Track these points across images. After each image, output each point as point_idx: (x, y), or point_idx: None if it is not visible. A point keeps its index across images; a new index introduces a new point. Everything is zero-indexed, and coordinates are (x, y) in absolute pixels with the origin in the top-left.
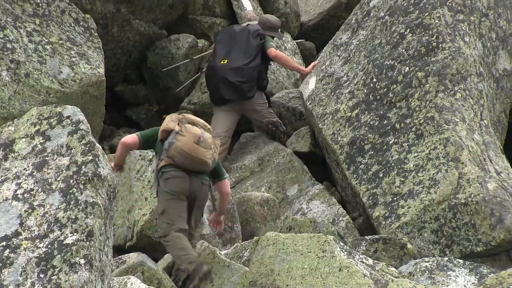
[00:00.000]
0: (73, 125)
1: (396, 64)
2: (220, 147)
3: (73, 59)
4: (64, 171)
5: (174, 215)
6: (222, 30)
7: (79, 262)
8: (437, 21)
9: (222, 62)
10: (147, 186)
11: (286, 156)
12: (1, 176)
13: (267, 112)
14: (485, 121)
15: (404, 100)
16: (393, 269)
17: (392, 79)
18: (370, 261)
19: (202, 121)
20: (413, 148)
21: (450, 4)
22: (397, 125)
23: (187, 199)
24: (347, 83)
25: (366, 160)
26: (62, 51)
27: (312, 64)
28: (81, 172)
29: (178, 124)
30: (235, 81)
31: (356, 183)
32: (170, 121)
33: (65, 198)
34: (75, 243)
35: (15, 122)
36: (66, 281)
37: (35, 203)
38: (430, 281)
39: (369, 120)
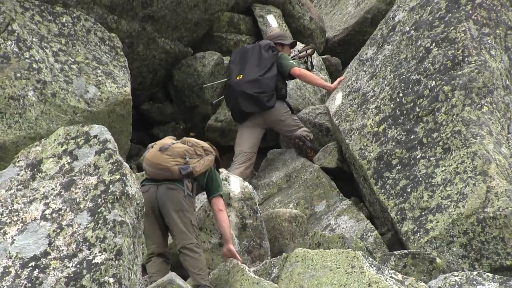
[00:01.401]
0: (100, 144)
1: (422, 78)
2: (246, 162)
3: (99, 78)
4: (92, 190)
5: (146, 236)
6: (234, 52)
7: (108, 281)
8: (462, 34)
9: (237, 78)
10: None
11: (314, 172)
12: (29, 196)
13: (291, 120)
14: None
15: (430, 115)
16: (422, 284)
17: (419, 93)
18: (399, 276)
19: (195, 141)
20: (440, 162)
21: (475, 18)
22: (424, 140)
23: (157, 210)
24: (374, 98)
25: (394, 175)
26: (88, 71)
27: (338, 80)
28: (109, 191)
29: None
30: (253, 92)
31: (384, 198)
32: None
33: (93, 218)
34: (104, 262)
35: (42, 142)
36: None
37: (64, 223)
38: None
39: (396, 135)
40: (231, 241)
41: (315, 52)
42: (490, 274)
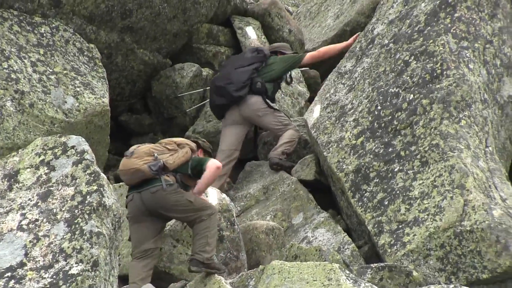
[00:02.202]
0: (78, 155)
1: (400, 91)
2: (224, 160)
3: (78, 89)
4: (69, 201)
5: (133, 241)
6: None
7: None
8: (441, 48)
9: (215, 76)
10: None
11: (291, 184)
12: (6, 207)
13: (273, 117)
14: (490, 148)
15: (409, 128)
16: None
17: (397, 106)
18: None
19: (167, 140)
20: (418, 175)
21: (454, 31)
22: (402, 153)
23: (147, 214)
24: (352, 111)
25: (371, 188)
26: (67, 81)
27: (354, 37)
28: (86, 202)
29: None
30: (222, 84)
31: (361, 211)
32: None
33: (70, 228)
34: (81, 273)
35: (19, 152)
36: None
37: (40, 234)
38: None
39: (374, 147)
40: (200, 194)
41: None
42: None
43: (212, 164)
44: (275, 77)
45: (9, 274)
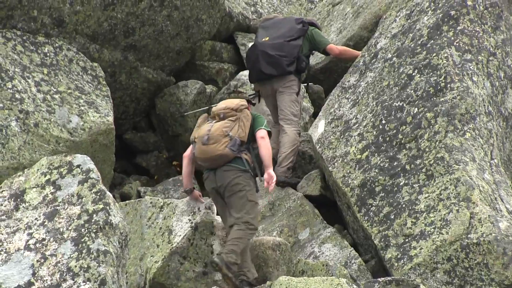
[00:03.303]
0: (84, 174)
1: (404, 105)
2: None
3: (82, 108)
4: (76, 220)
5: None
6: (265, 19)
7: None
8: (445, 61)
9: (263, 39)
10: (158, 233)
11: (297, 200)
12: (13, 227)
13: (290, 101)
14: (495, 160)
15: (413, 141)
16: None
17: (401, 120)
18: None
19: (222, 107)
20: (423, 189)
21: (457, 44)
22: (407, 166)
23: (220, 192)
24: (356, 125)
25: (377, 202)
26: (71, 100)
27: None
28: (93, 220)
29: (201, 125)
30: (275, 54)
31: (368, 225)
32: (195, 129)
33: (77, 247)
34: None
35: (25, 172)
36: None
37: (47, 253)
38: None
39: (379, 162)
40: (271, 166)
41: None
42: None
43: (260, 138)
44: (310, 52)
45: None
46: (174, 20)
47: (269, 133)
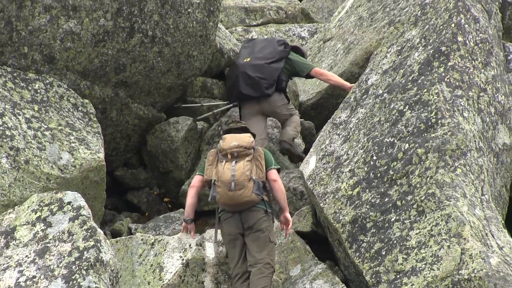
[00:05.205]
0: (74, 211)
1: (395, 141)
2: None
3: (73, 145)
4: (66, 257)
5: (230, 261)
6: (248, 40)
7: None
8: (435, 97)
9: (244, 60)
10: (149, 270)
11: (288, 236)
12: (3, 264)
13: (286, 110)
14: (486, 196)
15: (404, 177)
16: None
17: (392, 156)
18: None
19: (234, 146)
20: (415, 225)
21: (448, 80)
22: (398, 202)
23: (241, 234)
24: (347, 161)
25: (368, 238)
26: (62, 137)
27: (350, 85)
28: (83, 257)
29: (215, 163)
30: (255, 76)
31: (359, 262)
32: (208, 166)
33: (68, 285)
34: None
35: (16, 209)
36: None
37: None
38: None
39: (370, 198)
40: (287, 209)
41: None
42: None
43: (273, 181)
44: (291, 74)
45: None
46: (165, 56)
47: (278, 170)
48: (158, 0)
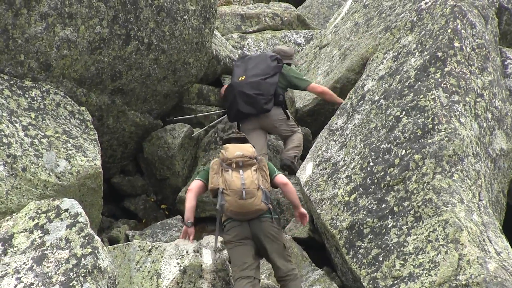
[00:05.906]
0: (72, 218)
1: (392, 147)
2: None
3: (70, 152)
4: (64, 264)
5: (237, 260)
6: (240, 57)
7: None
8: (432, 103)
9: (239, 79)
10: (147, 277)
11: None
12: (1, 271)
13: (286, 126)
14: (483, 202)
15: (401, 183)
16: None
17: (389, 162)
18: None
19: (239, 156)
20: (412, 230)
21: (444, 86)
22: (396, 208)
23: (252, 241)
24: (344, 167)
25: (366, 244)
26: (59, 144)
27: (340, 101)
28: (81, 264)
29: (220, 172)
30: (252, 93)
31: (356, 268)
32: (213, 174)
33: None
34: None
35: (13, 216)
36: None
37: None
38: None
39: (367, 204)
40: (300, 205)
41: None
42: None
43: (283, 184)
44: (286, 88)
45: None
46: (161, 63)
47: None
48: (154, 8)
